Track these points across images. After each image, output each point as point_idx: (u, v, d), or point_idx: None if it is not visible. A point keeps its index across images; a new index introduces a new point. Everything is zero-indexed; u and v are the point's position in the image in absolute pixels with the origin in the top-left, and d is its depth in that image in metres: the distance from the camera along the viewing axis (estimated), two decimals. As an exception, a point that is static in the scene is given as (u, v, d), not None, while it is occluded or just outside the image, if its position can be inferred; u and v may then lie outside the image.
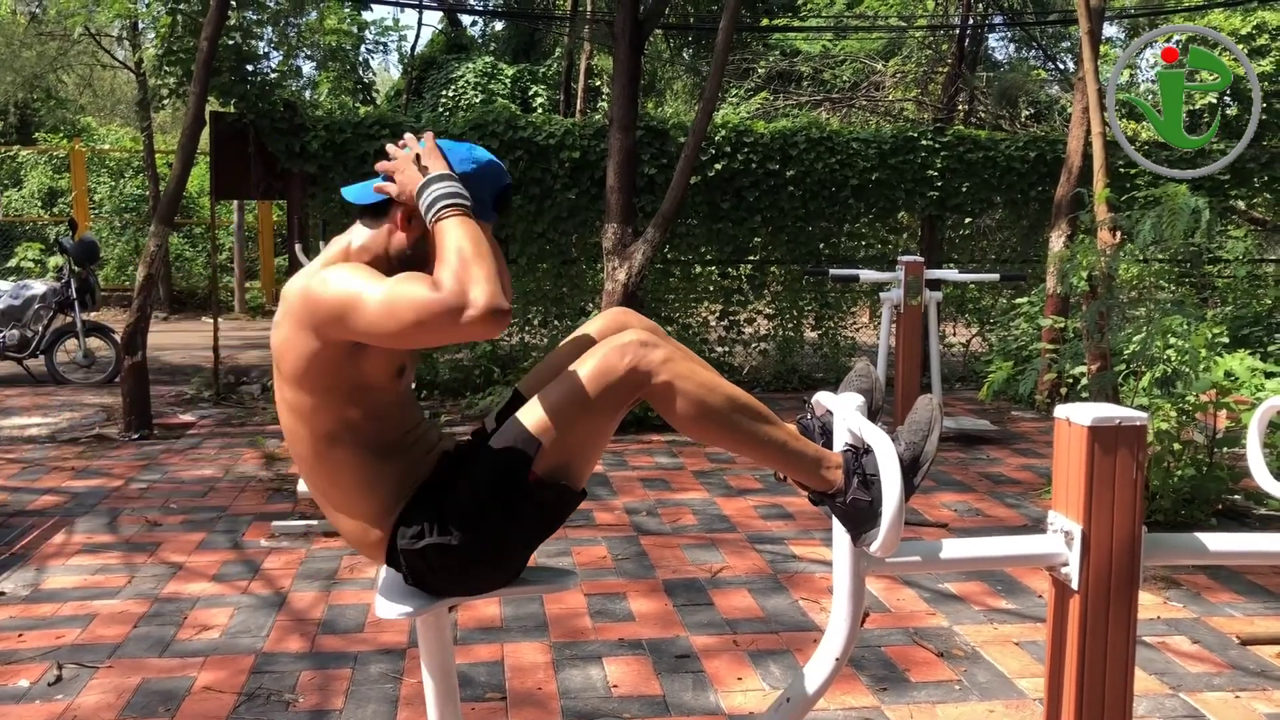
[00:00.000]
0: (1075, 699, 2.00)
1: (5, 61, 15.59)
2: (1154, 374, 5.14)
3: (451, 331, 1.74)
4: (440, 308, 1.72)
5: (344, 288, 1.81)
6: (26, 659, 3.50)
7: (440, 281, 1.73)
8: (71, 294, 9.52)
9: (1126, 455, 1.96)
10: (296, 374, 1.89)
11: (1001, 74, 16.03)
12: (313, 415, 1.91)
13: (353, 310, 1.79)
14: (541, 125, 8.82)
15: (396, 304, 1.76)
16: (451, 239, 1.79)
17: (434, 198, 1.85)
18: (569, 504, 1.98)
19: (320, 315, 1.82)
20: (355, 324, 1.80)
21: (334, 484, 1.96)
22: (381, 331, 1.79)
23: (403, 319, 1.75)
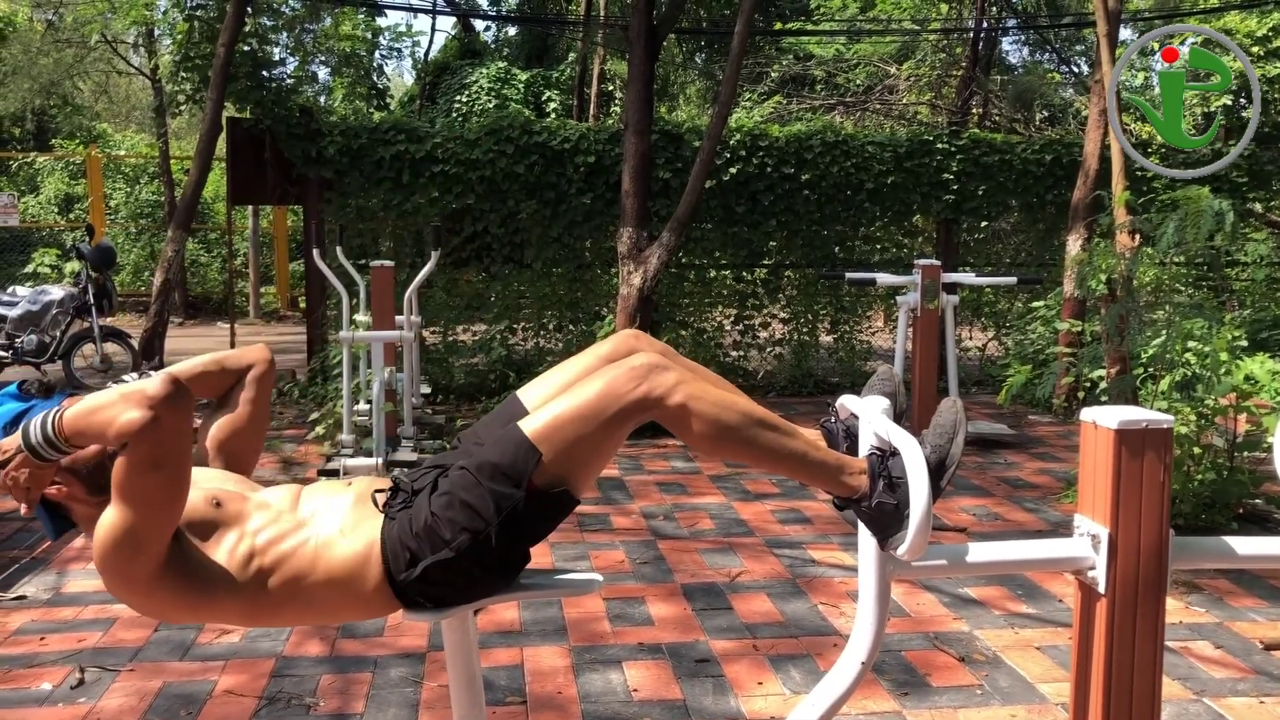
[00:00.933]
0: (1102, 704, 1.99)
1: (23, 69, 15.69)
2: (1174, 378, 5.11)
3: (164, 433, 1.73)
4: (143, 428, 1.71)
5: (102, 532, 1.80)
6: (49, 662, 3.52)
7: (119, 424, 1.73)
8: (89, 299, 9.55)
9: (1153, 458, 1.95)
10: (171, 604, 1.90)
11: (1016, 77, 16.00)
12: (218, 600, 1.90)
13: (126, 536, 1.78)
14: (556, 130, 8.83)
15: (124, 486, 1.76)
16: (83, 410, 1.78)
17: (35, 431, 1.82)
18: (565, 509, 1.98)
19: (116, 567, 1.81)
20: (142, 537, 1.79)
21: (306, 607, 1.95)
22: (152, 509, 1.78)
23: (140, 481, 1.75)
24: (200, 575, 1.88)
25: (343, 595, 1.93)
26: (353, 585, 1.93)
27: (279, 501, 2.03)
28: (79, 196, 17.86)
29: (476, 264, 9.21)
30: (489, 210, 8.79)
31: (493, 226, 8.84)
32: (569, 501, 1.96)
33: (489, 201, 8.76)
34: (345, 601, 1.94)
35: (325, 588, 1.92)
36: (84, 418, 1.78)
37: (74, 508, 1.97)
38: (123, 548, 1.79)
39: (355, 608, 1.97)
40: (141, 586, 1.84)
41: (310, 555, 1.93)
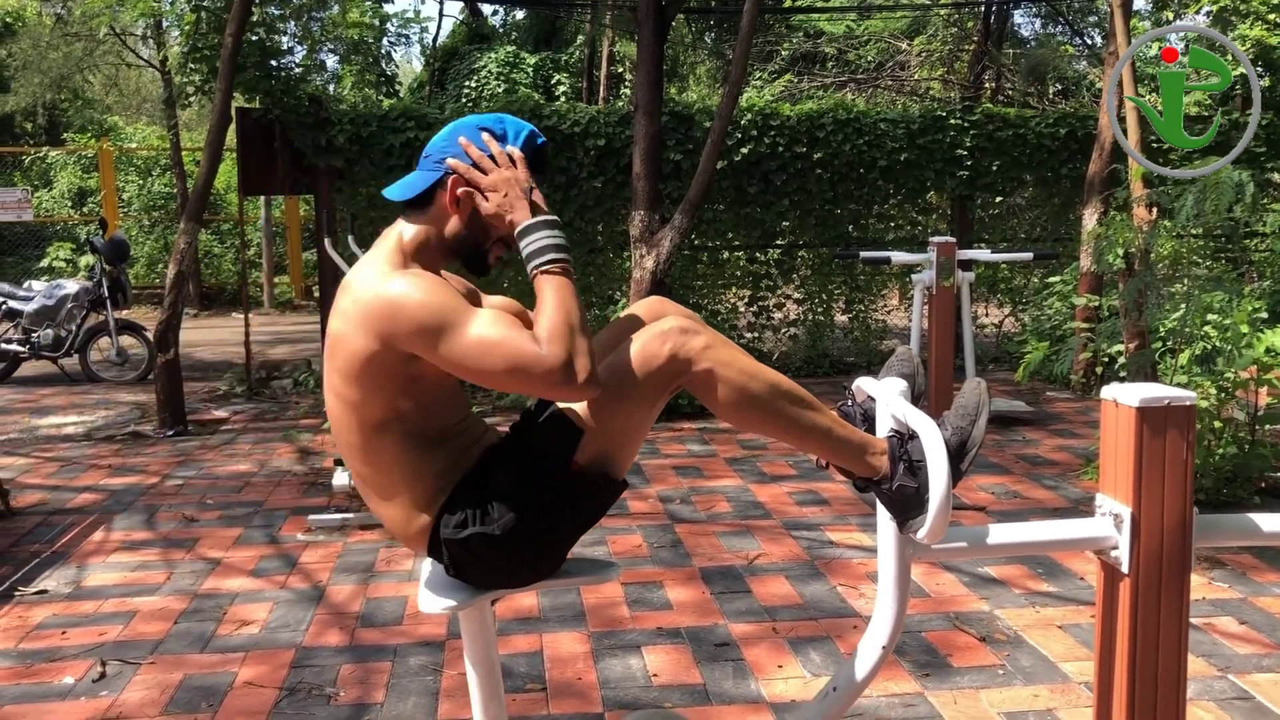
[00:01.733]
0: (1127, 683, 1.97)
1: (33, 63, 15.70)
2: (1193, 351, 5.06)
3: (540, 389, 1.78)
4: (541, 368, 1.74)
5: (433, 310, 1.80)
6: (70, 656, 3.53)
7: (545, 341, 1.76)
8: (103, 293, 9.60)
9: (1176, 436, 1.92)
10: (350, 369, 1.87)
11: (1029, 50, 15.86)
12: (361, 406, 1.90)
13: (440, 336, 1.78)
14: (566, 114, 8.79)
15: (493, 347, 1.77)
16: (558, 299, 1.82)
17: (541, 247, 1.88)
18: (610, 494, 1.97)
19: (398, 329, 1.80)
20: (438, 350, 1.80)
21: (379, 471, 1.95)
22: (465, 365, 1.80)
23: (494, 363, 1.76)
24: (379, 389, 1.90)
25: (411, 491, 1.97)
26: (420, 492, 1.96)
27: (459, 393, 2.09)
28: (92, 190, 17.91)
29: (488, 250, 9.18)
30: (500, 195, 8.76)
31: (504, 211, 8.81)
32: (613, 486, 1.95)
33: (500, 187, 8.73)
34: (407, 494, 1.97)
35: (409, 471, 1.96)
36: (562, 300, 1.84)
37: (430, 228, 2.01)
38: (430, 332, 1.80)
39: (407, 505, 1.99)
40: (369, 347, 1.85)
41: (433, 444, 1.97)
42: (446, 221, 1.96)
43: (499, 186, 1.91)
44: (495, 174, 1.92)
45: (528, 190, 1.91)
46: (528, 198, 1.91)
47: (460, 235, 1.96)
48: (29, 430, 7.37)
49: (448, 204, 1.95)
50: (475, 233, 1.96)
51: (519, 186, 1.91)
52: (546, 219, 1.90)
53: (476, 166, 1.93)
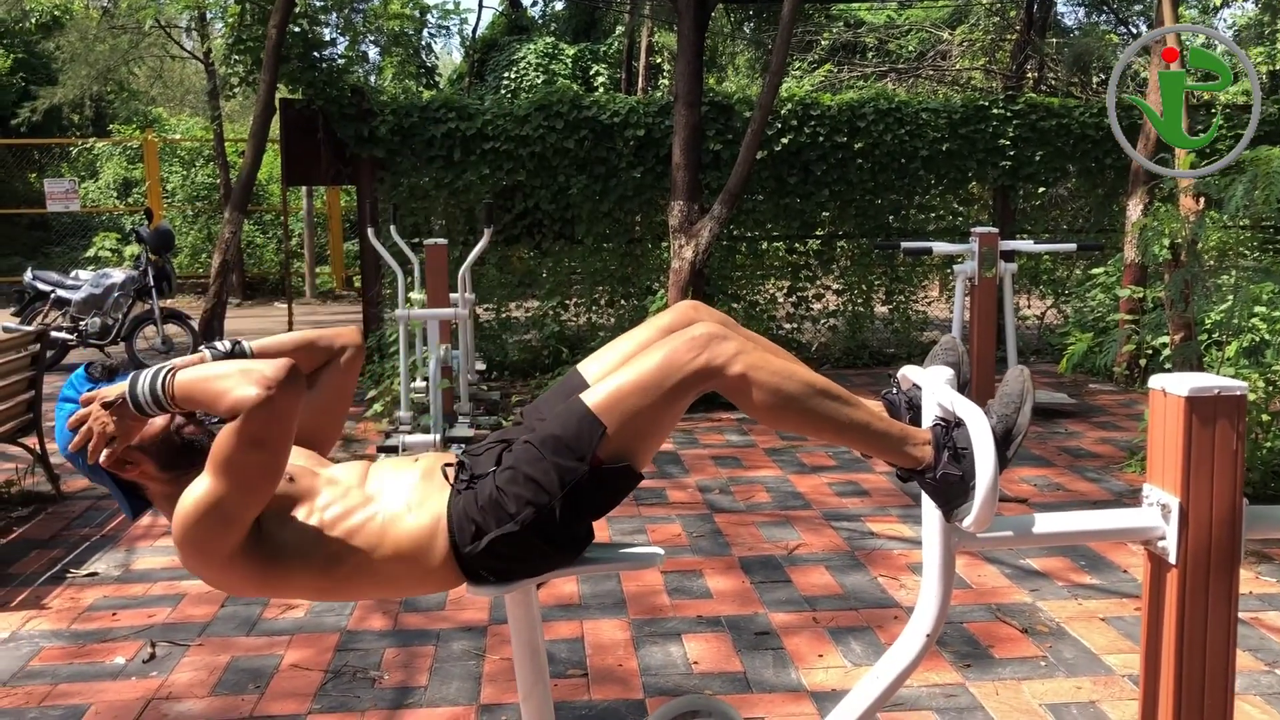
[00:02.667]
0: (1174, 676, 1.95)
1: (80, 56, 15.90)
2: (1240, 343, 5.00)
3: (275, 415, 1.75)
4: (257, 406, 1.73)
5: (190, 502, 1.81)
6: (121, 637, 3.60)
7: (233, 397, 1.75)
8: (149, 282, 9.73)
9: (1226, 426, 1.90)
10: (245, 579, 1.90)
11: (1073, 39, 15.66)
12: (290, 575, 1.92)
13: (214, 509, 1.79)
14: (606, 104, 8.80)
15: (224, 458, 1.77)
16: (199, 377, 1.81)
17: (149, 381, 1.84)
18: (629, 484, 1.97)
19: (198, 541, 1.82)
20: (229, 512, 1.80)
21: (374, 580, 1.96)
22: (245, 486, 1.79)
23: (241, 456, 1.76)
24: (274, 550, 1.90)
25: (409, 568, 1.95)
26: (419, 558, 1.94)
27: (347, 477, 2.05)
28: (137, 181, 18.13)
29: (528, 240, 9.22)
30: (539, 186, 8.80)
31: (543, 203, 8.84)
32: (632, 476, 1.95)
33: (539, 177, 8.76)
34: (412, 574, 1.96)
35: (393, 561, 1.93)
36: (198, 384, 1.82)
37: (149, 486, 2.00)
38: (208, 522, 1.81)
39: (421, 581, 1.98)
40: (219, 561, 1.86)
41: (378, 530, 1.94)
42: (152, 471, 1.96)
43: (100, 425, 1.88)
44: (89, 426, 1.89)
45: (105, 403, 1.88)
46: (111, 404, 1.88)
47: (164, 460, 1.96)
48: (78, 417, 7.49)
49: (135, 474, 1.97)
50: (162, 447, 1.96)
51: (98, 409, 1.88)
52: (121, 387, 1.87)
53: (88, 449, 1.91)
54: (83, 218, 17.11)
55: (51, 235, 17.48)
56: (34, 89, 16.86)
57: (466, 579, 1.97)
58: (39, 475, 5.46)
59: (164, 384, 1.84)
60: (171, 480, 1.95)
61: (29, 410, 5.26)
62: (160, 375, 1.85)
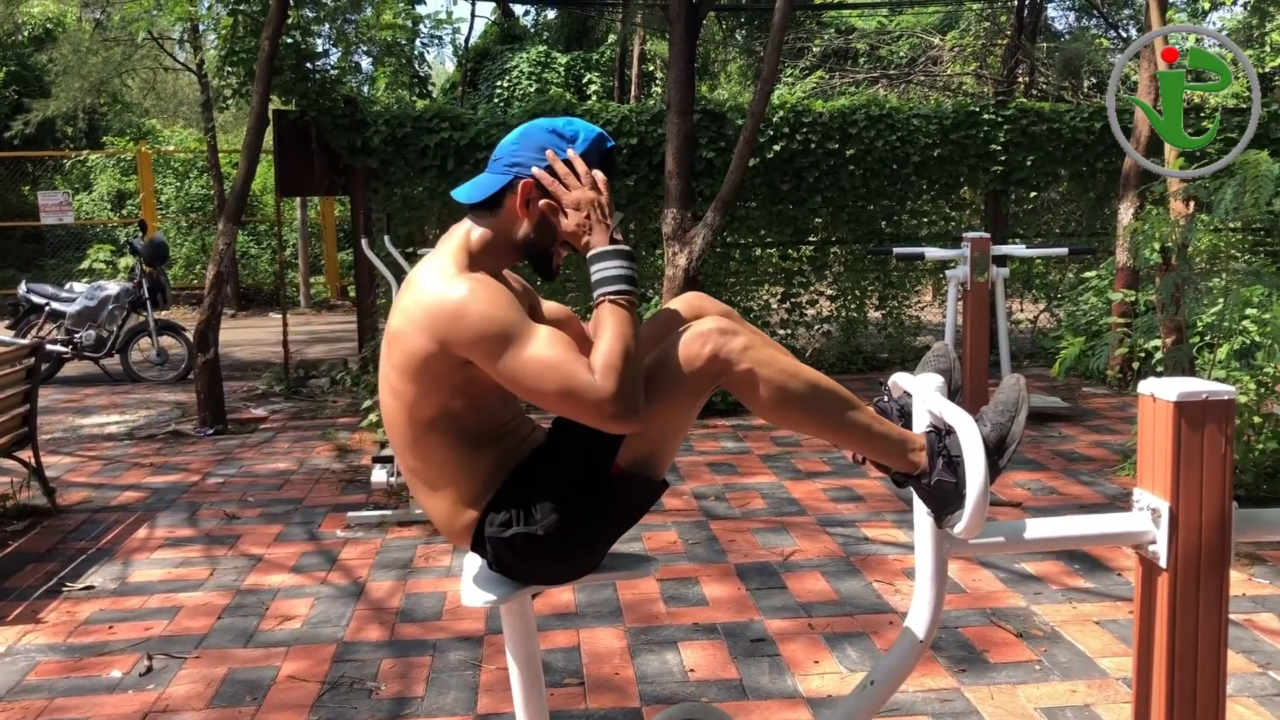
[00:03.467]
0: (1166, 679, 1.97)
1: (73, 68, 15.88)
2: (1232, 346, 5.02)
3: (587, 417, 1.80)
4: (592, 397, 1.77)
5: (494, 322, 1.82)
6: (118, 650, 3.60)
7: (600, 371, 1.78)
8: (144, 294, 9.73)
9: (1214, 430, 1.92)
10: (407, 367, 1.90)
11: (1063, 44, 15.72)
12: (415, 403, 1.93)
13: (498, 349, 1.81)
14: (598, 112, 8.82)
15: (548, 369, 1.79)
16: (618, 331, 1.83)
17: (611, 275, 1.89)
18: (651, 495, 1.98)
19: (458, 335, 1.83)
20: (495, 362, 1.82)
21: (428, 466, 1.98)
22: (518, 382, 1.82)
23: (547, 385, 1.79)
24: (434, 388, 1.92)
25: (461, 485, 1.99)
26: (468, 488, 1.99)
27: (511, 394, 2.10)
28: (130, 192, 18.13)
29: (522, 249, 9.23)
30: (533, 195, 8.81)
31: (537, 211, 8.85)
32: (654, 486, 1.97)
33: (533, 186, 8.77)
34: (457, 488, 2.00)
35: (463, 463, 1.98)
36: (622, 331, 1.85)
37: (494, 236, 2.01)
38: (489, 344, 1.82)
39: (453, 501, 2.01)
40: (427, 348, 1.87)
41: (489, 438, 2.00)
42: (515, 225, 1.97)
43: (581, 206, 1.93)
44: (579, 192, 1.93)
45: (609, 215, 1.93)
46: (606, 222, 1.93)
47: (530, 240, 1.98)
48: (72, 429, 7.49)
49: (518, 208, 1.96)
50: (544, 239, 1.98)
51: (600, 210, 1.93)
52: (622, 249, 1.92)
53: (560, 181, 1.96)
54: (77, 230, 17.09)
55: (45, 248, 17.46)
56: (27, 101, 16.86)
57: (470, 545, 2.02)
58: (34, 489, 5.46)
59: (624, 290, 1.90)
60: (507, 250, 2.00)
61: (24, 424, 5.26)
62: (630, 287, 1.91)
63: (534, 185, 1.95)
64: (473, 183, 2.02)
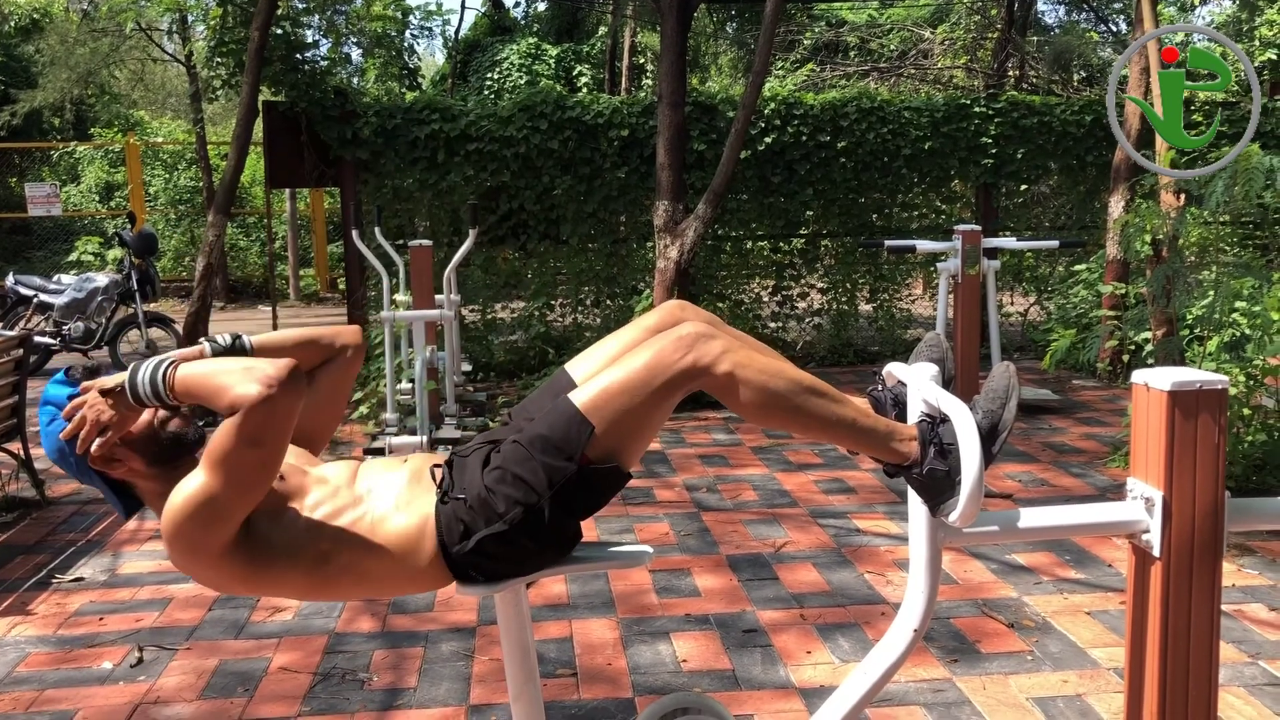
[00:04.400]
0: (1158, 668, 1.97)
1: (60, 59, 15.81)
2: (1222, 338, 5.04)
3: (274, 414, 1.75)
4: (256, 405, 1.73)
5: (181, 498, 1.80)
6: (109, 642, 3.59)
7: (233, 394, 1.74)
8: (133, 286, 9.68)
9: (1208, 420, 1.92)
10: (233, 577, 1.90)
11: (1053, 37, 15.74)
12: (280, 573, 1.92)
13: (206, 506, 1.79)
14: (589, 104, 8.80)
15: (220, 455, 1.76)
16: (200, 372, 1.81)
17: (151, 372, 1.84)
18: (618, 483, 1.98)
19: (188, 537, 1.81)
20: (222, 509, 1.80)
21: (362, 580, 1.96)
22: (240, 484, 1.79)
23: (238, 453, 1.75)
24: (263, 548, 1.89)
25: (398, 568, 1.95)
26: (408, 558, 1.94)
27: (336, 477, 2.05)
28: (119, 184, 18.04)
29: (513, 241, 9.22)
30: (524, 187, 8.79)
31: (528, 203, 8.84)
32: (621, 476, 1.96)
33: (524, 178, 8.76)
34: (400, 574, 1.96)
35: (381, 561, 1.94)
36: (199, 378, 1.81)
37: (138, 484, 1.99)
38: (200, 518, 1.80)
39: (410, 580, 1.98)
40: (208, 558, 1.86)
41: (367, 529, 1.94)
42: (139, 468, 1.96)
43: (95, 414, 1.88)
44: (84, 415, 1.89)
45: (103, 390, 1.88)
46: (109, 392, 1.88)
47: (151, 456, 1.96)
48: (61, 422, 7.45)
49: (123, 471, 1.96)
50: (148, 445, 1.95)
51: (100, 398, 1.88)
52: (120, 376, 1.88)
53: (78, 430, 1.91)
54: (65, 222, 17.01)
55: (33, 240, 17.38)
56: (13, 93, 16.75)
57: (455, 578, 1.97)
58: (23, 480, 5.44)
59: (165, 375, 1.84)
60: (160, 476, 1.95)
61: (12, 415, 5.23)
62: (162, 366, 1.85)
63: (95, 455, 1.92)
64: (117, 508, 2.05)
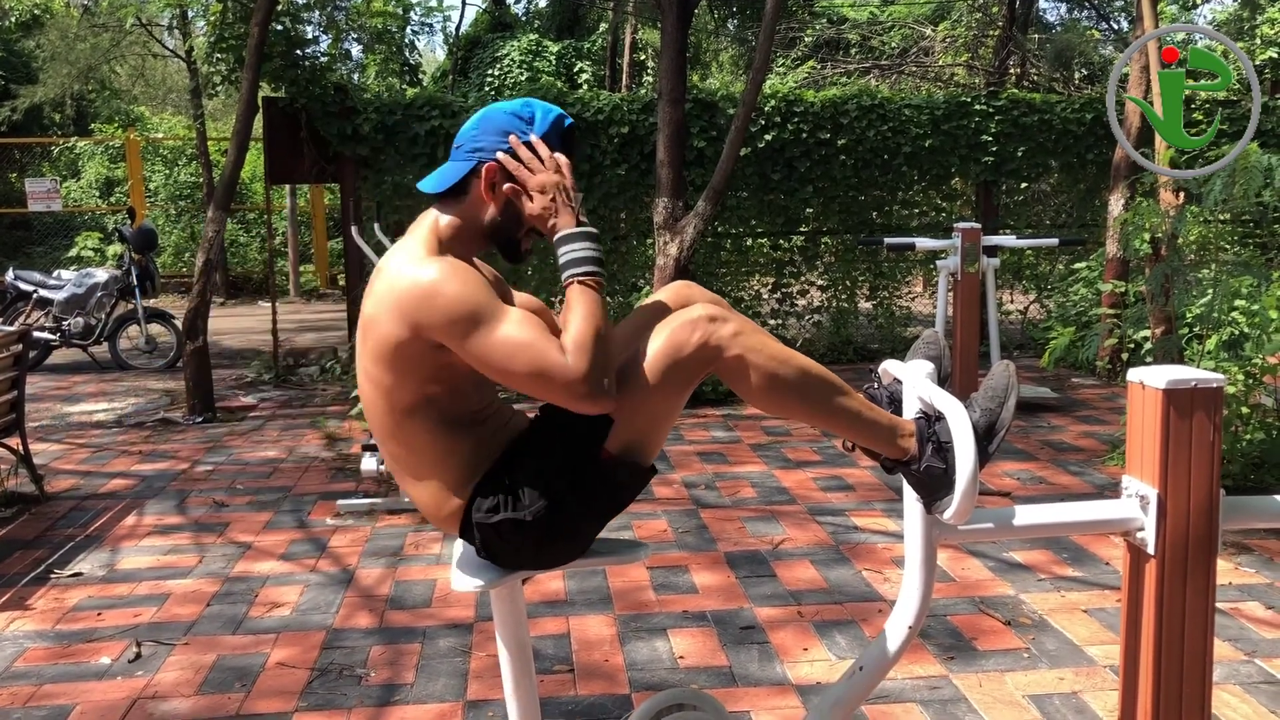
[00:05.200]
0: (1153, 665, 1.98)
1: (61, 54, 15.80)
2: (1220, 337, 5.04)
3: (559, 397, 1.81)
4: (563, 377, 1.78)
5: (465, 303, 1.81)
6: (106, 637, 3.59)
7: (571, 351, 1.78)
8: (132, 281, 9.69)
9: (1203, 418, 1.93)
10: (381, 353, 1.89)
11: (1054, 35, 15.73)
12: (393, 390, 1.92)
13: (469, 331, 1.81)
14: (589, 101, 8.80)
15: (520, 349, 1.79)
16: (588, 311, 1.84)
17: (579, 257, 1.89)
18: (640, 480, 1.98)
19: (429, 318, 1.82)
20: (466, 344, 1.82)
21: (411, 453, 1.98)
22: (489, 363, 1.82)
23: (519, 365, 1.80)
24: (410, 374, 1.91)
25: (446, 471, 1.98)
26: (453, 476, 1.98)
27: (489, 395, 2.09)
28: (119, 180, 18.04)
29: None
30: (524, 184, 8.77)
31: (528, 200, 8.82)
32: (642, 472, 1.97)
33: (524, 175, 8.74)
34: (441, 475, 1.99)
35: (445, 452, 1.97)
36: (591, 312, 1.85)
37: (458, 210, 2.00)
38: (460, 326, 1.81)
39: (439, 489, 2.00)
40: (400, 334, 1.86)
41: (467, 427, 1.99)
42: (482, 210, 1.97)
43: (546, 189, 1.93)
44: (543, 175, 1.93)
45: (573, 198, 1.93)
46: (571, 205, 1.93)
47: (497, 224, 1.97)
48: (61, 417, 7.46)
49: (483, 193, 1.96)
50: (511, 223, 1.98)
51: (565, 193, 1.93)
52: (588, 230, 1.92)
53: (524, 165, 1.95)
54: (65, 217, 17.01)
55: (33, 235, 17.38)
56: (14, 88, 16.75)
57: (460, 534, 2.02)
58: (22, 476, 5.44)
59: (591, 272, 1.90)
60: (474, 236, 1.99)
61: (12, 410, 5.23)
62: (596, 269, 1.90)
63: (498, 170, 1.95)
64: (437, 172, 2.02)
